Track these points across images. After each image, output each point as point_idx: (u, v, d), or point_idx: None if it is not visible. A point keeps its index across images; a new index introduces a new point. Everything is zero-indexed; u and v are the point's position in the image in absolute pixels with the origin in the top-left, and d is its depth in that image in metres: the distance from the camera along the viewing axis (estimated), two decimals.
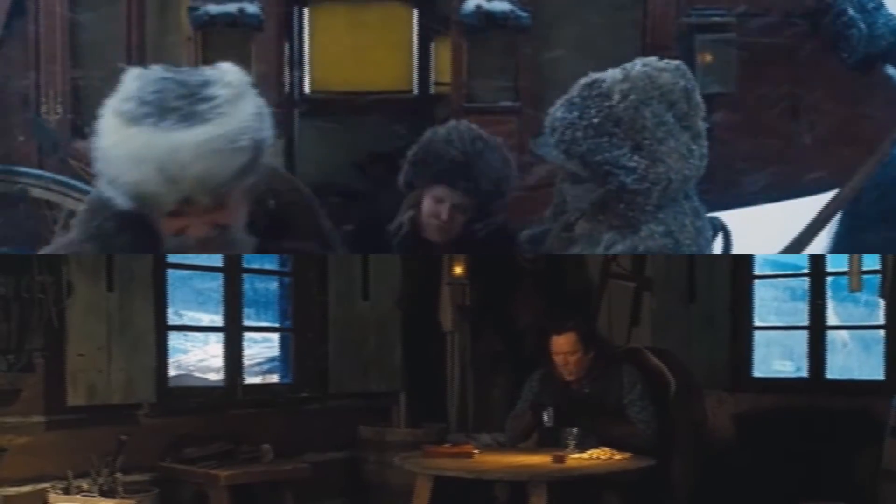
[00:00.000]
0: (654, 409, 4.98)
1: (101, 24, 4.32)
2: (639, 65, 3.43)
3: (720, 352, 6.60)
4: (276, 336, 6.96)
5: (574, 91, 3.49)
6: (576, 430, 4.86)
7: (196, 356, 8.87)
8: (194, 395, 6.08)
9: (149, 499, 5.12)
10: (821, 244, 4.61)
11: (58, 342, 5.20)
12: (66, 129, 4.36)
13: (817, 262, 6.38)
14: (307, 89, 4.36)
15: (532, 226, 4.06)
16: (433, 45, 5.16)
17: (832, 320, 7.26)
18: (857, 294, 6.31)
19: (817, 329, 6.51)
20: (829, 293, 6.64)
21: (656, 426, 4.95)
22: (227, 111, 2.64)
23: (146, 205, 2.67)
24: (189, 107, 2.63)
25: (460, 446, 5.16)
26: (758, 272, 6.86)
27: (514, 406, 5.35)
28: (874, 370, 6.38)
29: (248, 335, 6.42)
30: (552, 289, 6.86)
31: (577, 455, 4.72)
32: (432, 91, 5.23)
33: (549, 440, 5.03)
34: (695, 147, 3.45)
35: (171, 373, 6.08)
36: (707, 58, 4.18)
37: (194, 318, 8.90)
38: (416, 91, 5.15)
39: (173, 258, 5.67)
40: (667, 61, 3.41)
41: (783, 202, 4.74)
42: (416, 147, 3.91)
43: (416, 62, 5.13)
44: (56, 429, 5.23)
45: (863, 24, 4.63)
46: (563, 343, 4.99)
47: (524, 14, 4.35)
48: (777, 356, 8.69)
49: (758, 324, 6.89)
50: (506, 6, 4.34)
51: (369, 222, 4.07)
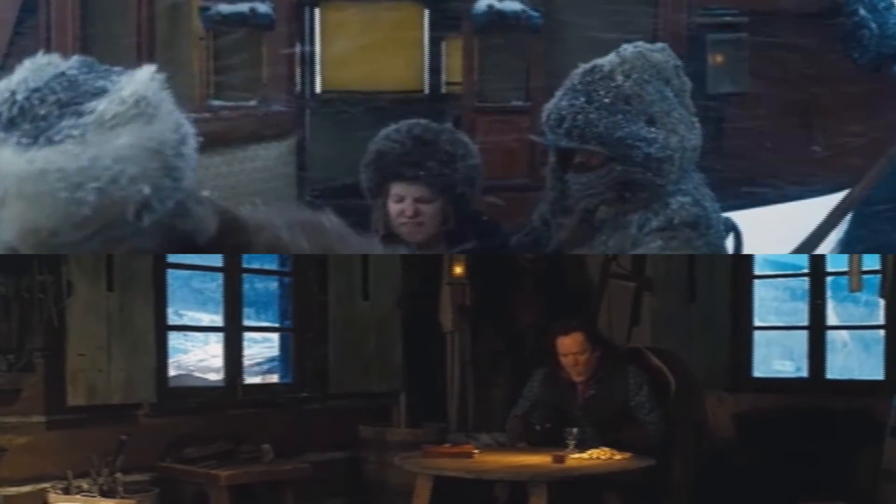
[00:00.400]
0: (661, 411, 4.98)
1: (112, 22, 4.31)
2: (629, 48, 3.59)
3: (720, 352, 6.60)
4: (276, 336, 6.96)
5: (573, 80, 3.61)
6: (576, 430, 4.85)
7: (196, 356, 8.87)
8: (194, 395, 6.08)
9: (149, 499, 5.12)
10: (831, 244, 4.59)
11: (58, 342, 5.20)
12: None
13: (817, 262, 6.37)
14: (318, 89, 4.36)
15: (518, 231, 4.07)
16: (444, 45, 5.16)
17: (832, 320, 7.27)
18: (857, 294, 6.31)
19: (817, 329, 6.51)
20: (829, 293, 6.64)
21: (664, 428, 4.95)
22: (90, 139, 1.74)
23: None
24: (52, 119, 1.76)
25: (460, 446, 5.16)
26: (758, 272, 6.85)
27: (514, 405, 5.35)
28: (874, 370, 6.38)
29: (248, 335, 6.42)
30: (552, 289, 6.86)
31: (577, 455, 4.72)
32: (444, 90, 5.23)
33: (543, 441, 5.02)
34: (693, 119, 3.65)
35: (171, 373, 6.07)
36: (718, 58, 4.19)
37: (194, 318, 8.90)
38: (427, 90, 5.14)
39: (173, 258, 5.67)
40: (654, 44, 3.58)
41: (794, 202, 4.73)
42: (365, 153, 3.93)
43: (427, 62, 5.12)
44: (56, 429, 5.22)
45: (874, 24, 4.63)
46: (570, 344, 4.99)
47: (535, 14, 4.34)
48: (777, 356, 8.69)
49: (758, 324, 6.89)
50: (517, 6, 4.34)
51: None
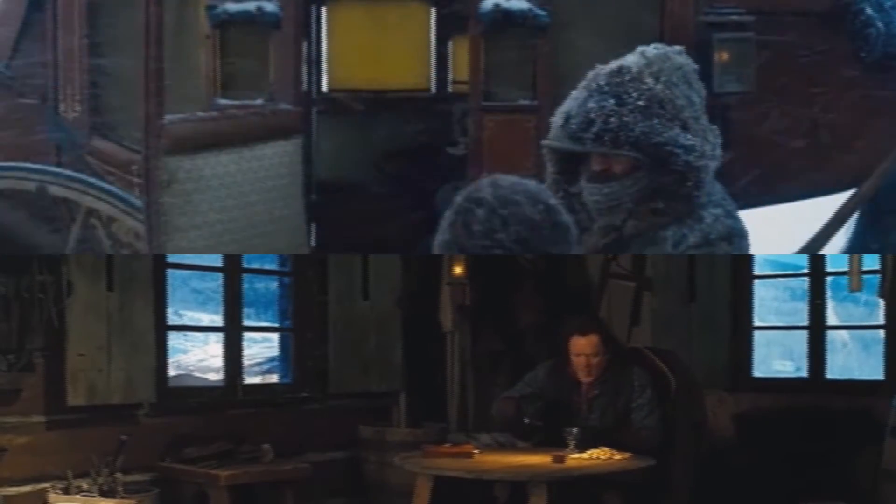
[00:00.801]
0: (660, 414, 4.97)
1: (119, 22, 4.32)
2: (651, 49, 3.38)
3: (720, 352, 6.60)
4: (276, 336, 6.96)
5: (598, 81, 3.37)
6: (576, 430, 4.85)
7: (196, 356, 8.88)
8: (194, 395, 6.08)
9: (149, 499, 5.12)
10: (838, 243, 4.59)
11: (58, 342, 5.20)
12: (84, 127, 4.36)
13: (817, 262, 6.38)
14: (325, 88, 4.35)
15: None
16: (451, 44, 5.15)
17: (832, 320, 7.27)
18: (857, 294, 6.31)
19: (817, 329, 6.51)
20: (829, 293, 6.64)
21: (660, 432, 4.94)
22: None
23: None
24: None
25: (460, 446, 5.16)
26: (758, 272, 6.86)
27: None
28: (874, 370, 6.38)
29: (248, 335, 6.42)
30: (552, 289, 6.86)
31: (576, 455, 4.72)
32: (450, 89, 5.22)
33: (527, 436, 5.01)
34: (714, 126, 3.43)
35: (171, 373, 6.08)
36: (724, 56, 4.16)
37: (194, 318, 8.91)
38: (433, 89, 5.14)
39: (173, 258, 5.67)
40: (671, 46, 3.38)
41: (800, 201, 4.73)
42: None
43: (433, 61, 5.12)
44: (56, 429, 5.22)
45: (881, 23, 4.62)
46: (585, 344, 4.95)
47: (542, 13, 4.32)
48: (777, 356, 8.69)
49: (758, 324, 6.89)
50: (524, 5, 4.32)
51: None
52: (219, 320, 6.37)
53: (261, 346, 7.91)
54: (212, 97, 4.20)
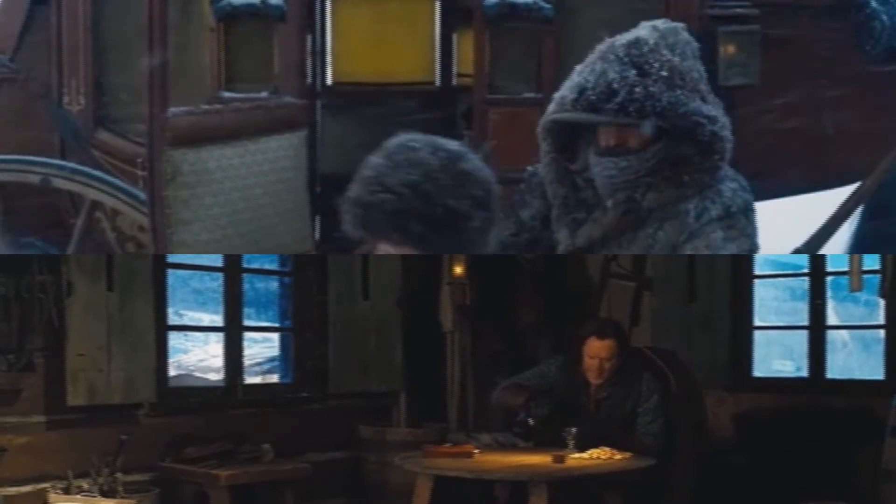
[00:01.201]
0: (664, 421, 4.96)
1: (123, 14, 4.31)
2: (660, 23, 3.32)
3: (720, 352, 6.59)
4: (276, 336, 6.96)
5: (615, 52, 3.28)
6: (574, 429, 4.84)
7: (196, 356, 8.88)
8: (194, 395, 6.08)
9: (149, 499, 5.12)
10: (842, 238, 4.58)
11: (58, 342, 5.19)
12: (88, 120, 4.35)
13: (817, 262, 6.38)
14: (330, 81, 4.33)
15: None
16: (456, 37, 5.13)
17: (832, 320, 7.27)
18: (857, 294, 6.31)
19: (817, 329, 6.51)
20: (829, 293, 6.64)
21: (663, 440, 4.93)
22: None
23: None
24: None
25: (460, 446, 5.15)
26: (758, 272, 6.86)
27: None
28: (874, 370, 6.38)
29: (248, 335, 6.41)
30: (552, 289, 6.86)
31: (577, 455, 4.71)
32: (455, 82, 5.21)
33: (526, 434, 5.00)
34: (719, 101, 3.39)
35: (172, 373, 6.08)
36: (730, 50, 4.14)
37: (194, 318, 8.90)
38: (438, 82, 5.12)
39: (173, 258, 5.67)
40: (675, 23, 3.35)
41: (805, 195, 4.71)
42: None
43: (438, 53, 5.10)
44: (56, 429, 5.22)
45: (885, 17, 4.61)
46: (601, 348, 4.91)
47: (547, 5, 4.31)
48: (777, 356, 8.69)
49: (758, 324, 6.89)
50: None
51: None
52: (219, 320, 6.37)
53: (261, 346, 7.91)
54: (216, 90, 4.19)
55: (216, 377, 6.75)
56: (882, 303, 6.05)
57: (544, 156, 3.51)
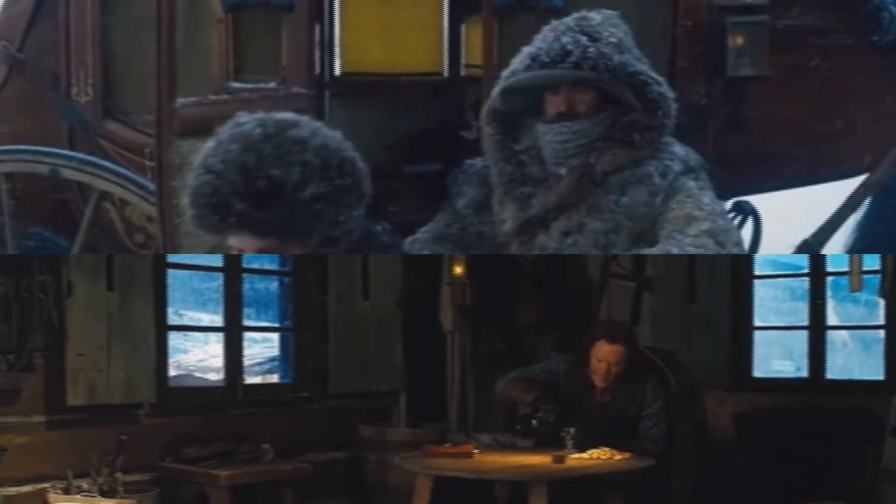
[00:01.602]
0: (666, 425, 4.95)
1: (131, 4, 4.29)
2: (596, 11, 3.66)
3: (720, 352, 6.60)
4: (276, 336, 6.95)
5: (567, 23, 3.59)
6: (573, 430, 4.83)
7: (196, 356, 8.86)
8: (194, 395, 6.08)
9: (149, 499, 5.12)
10: (849, 230, 4.55)
11: (58, 342, 5.19)
12: (97, 111, 4.33)
13: (817, 261, 6.38)
14: (338, 71, 4.30)
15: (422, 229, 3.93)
16: (464, 27, 5.11)
17: (832, 320, 7.26)
18: (857, 294, 6.30)
19: (817, 329, 6.51)
20: (829, 293, 6.64)
21: (664, 445, 4.91)
22: None
23: None
24: None
25: (460, 446, 5.15)
26: (758, 272, 6.86)
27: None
28: (874, 370, 6.38)
29: (248, 335, 6.41)
30: (552, 289, 6.86)
31: (577, 455, 4.71)
32: (463, 73, 5.19)
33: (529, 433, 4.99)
34: None
35: (171, 373, 6.07)
36: (738, 40, 4.12)
37: (194, 318, 8.88)
38: (446, 73, 5.09)
39: (173, 258, 5.67)
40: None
41: (812, 187, 4.69)
42: None
43: (446, 44, 5.07)
44: (56, 429, 5.22)
45: (894, 7, 4.59)
46: (609, 352, 4.89)
47: None
48: (777, 356, 8.68)
49: (758, 324, 6.90)
50: None
51: None
52: (219, 320, 6.36)
53: (261, 346, 7.90)
54: (224, 80, 4.15)
55: (216, 377, 6.74)
56: (882, 303, 6.05)
57: (489, 139, 3.71)
